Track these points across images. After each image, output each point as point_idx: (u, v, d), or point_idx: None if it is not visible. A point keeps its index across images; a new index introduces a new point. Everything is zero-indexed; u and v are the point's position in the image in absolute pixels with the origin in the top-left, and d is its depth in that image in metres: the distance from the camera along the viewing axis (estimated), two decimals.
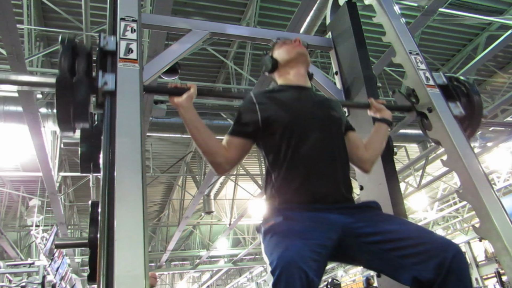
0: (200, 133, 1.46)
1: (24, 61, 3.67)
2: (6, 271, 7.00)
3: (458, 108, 1.89)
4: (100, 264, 1.01)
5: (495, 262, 12.63)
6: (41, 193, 8.38)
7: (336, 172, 1.42)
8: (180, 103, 1.49)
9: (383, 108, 1.79)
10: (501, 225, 1.47)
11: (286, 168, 1.40)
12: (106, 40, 1.46)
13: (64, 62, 1.37)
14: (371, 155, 1.63)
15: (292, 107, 1.50)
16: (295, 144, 1.41)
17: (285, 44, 1.67)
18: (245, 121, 1.51)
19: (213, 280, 18.66)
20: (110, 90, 1.35)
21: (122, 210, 1.07)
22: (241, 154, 1.52)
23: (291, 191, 1.37)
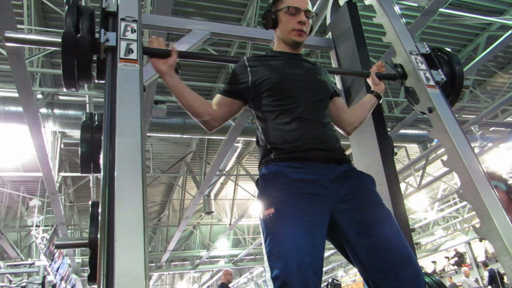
0: (184, 97, 1.54)
1: (24, 61, 3.67)
2: (7, 271, 6.99)
3: (440, 75, 2.01)
4: (101, 264, 1.01)
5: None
6: (41, 193, 8.38)
7: (323, 126, 1.53)
8: (163, 71, 1.54)
9: (379, 83, 1.92)
10: (501, 225, 1.47)
11: (276, 121, 1.49)
12: (108, 2, 1.55)
13: (69, 20, 1.46)
14: (355, 119, 1.76)
15: (282, 71, 1.59)
16: (284, 102, 1.51)
17: (289, 16, 1.62)
18: (237, 81, 1.59)
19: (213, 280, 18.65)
20: (111, 46, 1.44)
21: (122, 210, 1.07)
22: (229, 113, 1.63)
23: (283, 139, 1.45)
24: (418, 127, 7.57)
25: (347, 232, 1.31)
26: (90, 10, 1.53)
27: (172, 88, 1.55)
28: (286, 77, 1.57)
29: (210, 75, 6.47)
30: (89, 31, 1.48)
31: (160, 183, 10.15)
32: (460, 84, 2.07)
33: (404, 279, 1.21)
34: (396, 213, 1.85)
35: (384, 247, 1.26)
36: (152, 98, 4.64)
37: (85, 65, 1.48)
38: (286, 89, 1.53)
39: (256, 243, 11.68)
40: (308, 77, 1.62)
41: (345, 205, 1.34)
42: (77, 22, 1.48)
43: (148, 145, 7.91)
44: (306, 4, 1.64)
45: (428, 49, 2.12)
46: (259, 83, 1.55)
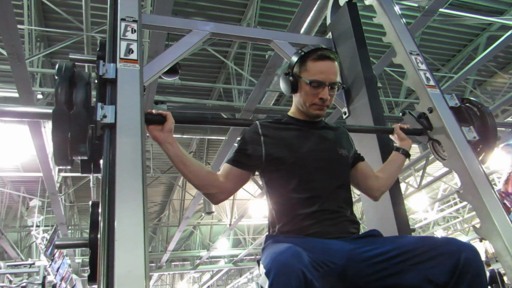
0: (187, 167, 1.40)
1: (24, 62, 3.67)
2: (7, 271, 6.99)
3: (472, 133, 1.82)
4: (101, 265, 1.01)
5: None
6: (41, 193, 8.39)
7: (343, 213, 1.41)
8: (162, 139, 1.41)
9: (405, 138, 1.76)
10: (501, 226, 1.47)
11: (289, 207, 1.38)
12: (106, 67, 1.39)
13: (61, 94, 1.28)
14: (383, 184, 1.60)
15: (299, 146, 1.44)
16: (299, 185, 1.39)
17: (311, 89, 1.45)
18: (248, 152, 1.44)
19: (214, 280, 18.66)
20: (109, 123, 1.27)
21: (123, 211, 1.08)
22: (239, 185, 1.47)
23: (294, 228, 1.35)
24: None
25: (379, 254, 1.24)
26: (85, 80, 1.35)
27: (173, 157, 1.41)
28: (303, 157, 1.42)
29: (210, 75, 6.47)
30: (84, 105, 1.30)
31: (160, 183, 10.15)
32: (493, 141, 1.91)
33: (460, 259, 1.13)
34: (396, 214, 1.85)
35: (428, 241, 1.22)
36: (152, 98, 4.64)
37: (79, 142, 1.30)
38: (303, 173, 1.40)
39: (256, 243, 11.67)
40: (328, 154, 1.47)
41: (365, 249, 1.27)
42: (70, 95, 1.30)
43: (148, 145, 7.91)
44: (334, 76, 1.45)
45: (458, 102, 1.93)
46: (273, 159, 1.42)
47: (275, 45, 2.43)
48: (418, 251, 1.19)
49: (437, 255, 1.16)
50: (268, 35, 2.47)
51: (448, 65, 6.99)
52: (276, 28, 5.38)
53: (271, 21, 5.44)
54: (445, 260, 1.14)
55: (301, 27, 4.00)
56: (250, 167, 1.45)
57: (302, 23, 3.89)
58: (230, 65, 5.91)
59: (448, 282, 1.13)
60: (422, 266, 1.16)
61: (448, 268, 1.13)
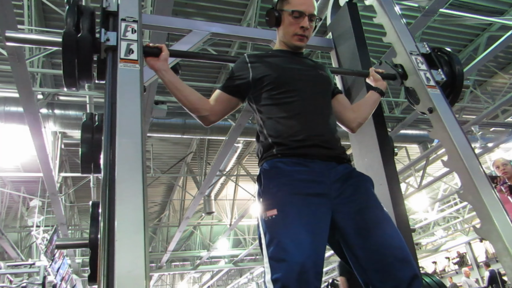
0: (181, 92, 1.54)
1: (24, 62, 3.68)
2: (7, 271, 7.00)
3: (440, 75, 2.00)
4: (101, 265, 1.01)
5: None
6: (41, 193, 8.39)
7: (326, 121, 1.52)
8: (158, 67, 1.55)
9: (380, 79, 1.91)
10: (501, 226, 1.47)
11: (278, 114, 1.49)
12: (108, 2, 1.55)
13: (70, 19, 1.46)
14: (359, 116, 1.73)
15: (283, 66, 1.59)
16: (286, 96, 1.51)
17: (293, 20, 1.59)
18: (237, 77, 1.58)
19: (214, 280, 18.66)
20: (112, 45, 1.44)
21: (123, 211, 1.07)
22: (226, 109, 1.61)
23: (285, 132, 1.44)
24: (419, 127, 7.57)
25: (346, 233, 1.31)
26: (90, 9, 1.53)
27: (168, 83, 1.54)
28: (287, 72, 1.57)
29: (211, 75, 6.47)
30: (89, 30, 1.48)
31: (161, 183, 10.15)
32: (460, 84, 2.07)
33: (402, 280, 1.21)
34: (397, 214, 1.85)
35: (382, 249, 1.26)
36: (152, 98, 4.64)
37: (85, 64, 1.48)
38: (287, 83, 1.53)
39: (256, 244, 11.57)
40: (310, 72, 1.62)
41: (345, 207, 1.34)
42: (78, 22, 1.48)
43: (148, 145, 7.92)
44: (312, 8, 1.61)
45: (428, 49, 2.11)
46: (260, 78, 1.55)
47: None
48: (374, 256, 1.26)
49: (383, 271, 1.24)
50: (268, 35, 2.47)
51: None
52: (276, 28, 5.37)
53: None
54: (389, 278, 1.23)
55: None
56: (238, 91, 1.59)
57: None
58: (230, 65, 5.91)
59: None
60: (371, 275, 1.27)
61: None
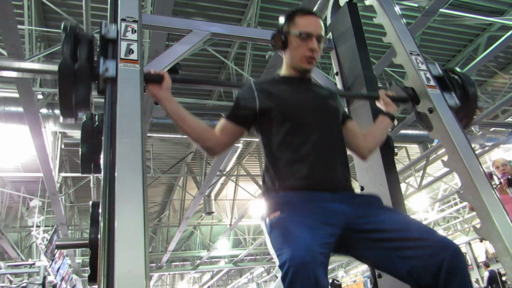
0: (185, 122, 1.48)
1: None
2: (7, 271, 6.99)
3: (453, 99, 1.91)
4: (101, 265, 1.01)
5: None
6: (41, 193, 8.38)
7: (334, 159, 1.46)
8: (160, 96, 1.49)
9: (390, 103, 1.84)
10: (501, 226, 1.47)
11: (285, 154, 1.43)
12: (108, 28, 1.47)
13: (66, 48, 1.39)
14: (370, 143, 1.67)
15: (291, 97, 1.52)
16: (294, 132, 1.45)
17: (301, 42, 1.54)
18: (243, 107, 1.52)
19: (214, 280, 18.66)
20: (111, 77, 1.36)
21: (123, 211, 1.07)
22: (233, 139, 1.54)
23: (291, 175, 1.39)
24: (419, 127, 7.53)
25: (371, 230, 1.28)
26: (88, 37, 1.45)
27: (171, 113, 1.47)
28: (296, 104, 1.50)
29: (211, 75, 6.47)
30: (87, 59, 1.40)
31: (161, 183, 10.15)
32: (474, 108, 1.98)
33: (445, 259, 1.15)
34: None
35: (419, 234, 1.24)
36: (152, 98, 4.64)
37: (83, 95, 1.39)
38: (295, 117, 1.47)
39: (257, 244, 11.67)
40: (318, 103, 1.55)
41: (362, 212, 1.32)
42: (75, 51, 1.41)
43: (148, 145, 7.92)
44: (320, 29, 1.55)
45: (441, 71, 2.01)
46: (267, 109, 1.48)
47: None
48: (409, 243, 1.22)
49: (423, 254, 1.18)
50: (268, 35, 2.44)
51: (448, 65, 6.99)
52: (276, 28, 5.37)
53: (271, 21, 5.43)
54: (429, 257, 1.17)
55: None
56: (245, 121, 1.52)
57: None
58: (231, 65, 5.91)
59: (432, 281, 1.16)
60: (410, 262, 1.20)
61: (431, 269, 1.16)
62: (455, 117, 1.83)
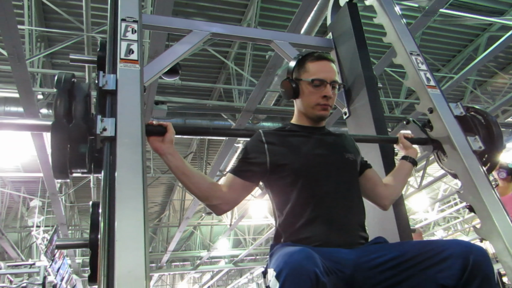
0: (189, 178, 1.36)
1: (25, 62, 3.68)
2: (7, 271, 7.00)
3: (477, 143, 1.77)
4: (101, 265, 1.01)
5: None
6: (42, 193, 8.39)
7: (351, 218, 1.38)
8: (163, 151, 1.37)
9: (410, 146, 1.74)
10: (502, 226, 1.47)
11: (297, 217, 1.34)
12: (106, 79, 1.35)
13: (60, 107, 1.25)
14: (391, 192, 1.57)
15: (305, 153, 1.42)
16: (307, 193, 1.36)
17: (313, 89, 1.45)
18: (252, 161, 1.41)
19: (214, 280, 18.65)
20: (109, 137, 1.24)
21: (123, 211, 1.07)
22: (242, 195, 1.43)
23: (302, 238, 1.31)
24: None
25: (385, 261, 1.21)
26: (84, 92, 1.31)
27: (174, 169, 1.36)
28: (309, 160, 1.40)
29: (211, 75, 6.47)
30: (83, 118, 1.27)
31: (161, 183, 10.14)
32: (499, 150, 1.87)
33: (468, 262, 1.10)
34: (397, 214, 1.85)
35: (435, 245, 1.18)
36: (152, 98, 4.64)
37: (78, 155, 1.26)
38: (308, 175, 1.37)
39: (257, 244, 11.67)
40: (334, 158, 1.45)
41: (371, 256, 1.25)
42: (70, 108, 1.27)
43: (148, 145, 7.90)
44: (333, 75, 1.47)
45: (463, 111, 1.88)
46: (278, 166, 1.38)
47: (275, 45, 2.43)
48: (426, 255, 1.16)
49: (445, 258, 1.13)
50: (268, 36, 2.47)
51: (448, 65, 6.99)
52: (277, 28, 5.38)
53: (271, 22, 5.44)
54: (453, 262, 1.11)
55: (302, 28, 4.00)
56: (254, 176, 1.42)
57: (302, 24, 3.89)
58: (231, 66, 5.91)
59: (457, 285, 1.10)
60: (431, 270, 1.14)
61: (457, 271, 1.10)
62: (455, 117, 1.83)
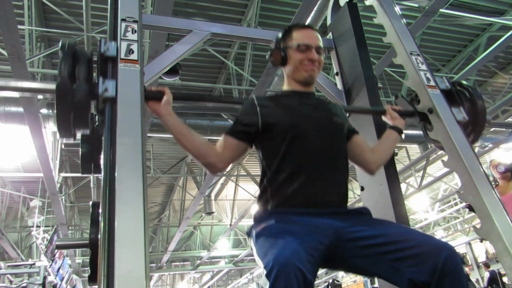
0: (186, 138, 1.44)
1: (25, 62, 3.67)
2: (7, 271, 7.00)
3: (461, 114, 1.88)
4: (101, 265, 1.01)
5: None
6: (42, 193, 8.38)
7: (334, 178, 1.43)
8: (161, 112, 1.46)
9: (397, 117, 1.82)
10: (502, 226, 1.47)
11: (284, 172, 1.40)
12: (107, 45, 1.44)
13: (64, 68, 1.35)
14: (378, 157, 1.64)
15: (294, 112, 1.49)
16: (295, 149, 1.42)
17: (299, 53, 1.54)
18: (245, 122, 1.49)
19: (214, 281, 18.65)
20: (110, 97, 1.33)
21: (123, 211, 1.07)
22: (236, 155, 1.51)
23: (286, 194, 1.37)
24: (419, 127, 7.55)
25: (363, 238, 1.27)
26: (87, 56, 1.41)
27: (172, 129, 1.44)
28: (299, 121, 1.47)
29: (211, 75, 6.47)
30: (86, 79, 1.37)
31: (161, 183, 10.15)
32: (482, 123, 1.96)
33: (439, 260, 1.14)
34: (397, 214, 1.85)
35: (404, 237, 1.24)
36: None
37: (81, 115, 1.37)
38: (297, 134, 1.43)
39: None
40: (321, 118, 1.52)
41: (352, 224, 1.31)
42: (73, 70, 1.37)
43: (148, 145, 7.92)
44: (318, 41, 1.56)
45: (448, 85, 1.98)
46: (269, 125, 1.45)
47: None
48: (403, 244, 1.21)
49: (419, 253, 1.17)
50: (268, 36, 2.46)
51: (448, 65, 6.99)
52: (276, 28, 5.37)
53: (271, 22, 5.44)
54: (425, 259, 1.16)
55: None
56: (247, 136, 1.49)
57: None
58: (231, 66, 5.92)
59: (427, 282, 1.14)
60: (403, 262, 1.19)
61: (428, 269, 1.14)
62: (455, 117, 1.83)
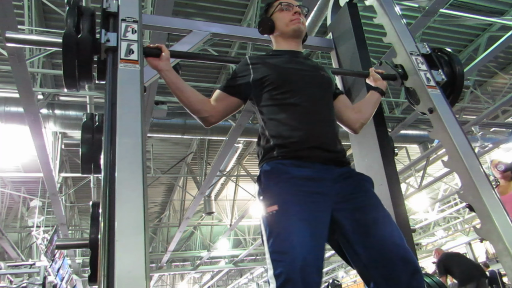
0: (182, 93, 1.56)
1: (25, 62, 3.68)
2: (7, 271, 6.99)
3: (440, 75, 2.00)
4: (101, 265, 1.01)
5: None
6: (42, 194, 8.38)
7: (326, 123, 1.52)
8: (160, 67, 1.56)
9: (379, 79, 1.94)
10: (502, 226, 1.47)
11: (278, 117, 1.49)
12: (109, 2, 1.55)
13: (70, 20, 1.48)
14: (361, 116, 1.74)
15: (284, 66, 1.60)
16: (286, 96, 1.51)
17: (284, 12, 1.70)
18: (237, 79, 1.61)
19: (214, 281, 18.65)
20: (112, 46, 1.44)
21: (123, 211, 1.07)
22: (227, 109, 1.62)
23: (288, 136, 1.44)
24: (419, 127, 7.57)
25: (346, 231, 1.31)
26: (90, 10, 1.54)
27: (170, 83, 1.56)
28: (288, 72, 1.57)
29: (211, 75, 6.47)
30: (89, 31, 1.49)
31: (161, 183, 10.15)
32: (460, 84, 2.07)
33: (402, 276, 1.22)
34: (397, 214, 1.84)
35: (382, 246, 1.27)
36: (152, 98, 4.64)
37: (85, 65, 1.49)
38: (288, 83, 1.54)
39: (257, 244, 11.66)
40: (311, 73, 1.63)
41: (345, 205, 1.35)
42: (78, 23, 1.49)
43: (148, 145, 7.92)
44: (296, 2, 1.72)
45: (429, 49, 2.11)
46: (261, 79, 1.56)
47: None
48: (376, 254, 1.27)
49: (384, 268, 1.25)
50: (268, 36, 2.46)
51: None
52: None
53: None
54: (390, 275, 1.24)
55: None
56: (239, 92, 1.61)
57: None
58: (231, 66, 5.91)
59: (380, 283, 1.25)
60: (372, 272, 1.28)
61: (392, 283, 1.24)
62: (455, 117, 1.83)
